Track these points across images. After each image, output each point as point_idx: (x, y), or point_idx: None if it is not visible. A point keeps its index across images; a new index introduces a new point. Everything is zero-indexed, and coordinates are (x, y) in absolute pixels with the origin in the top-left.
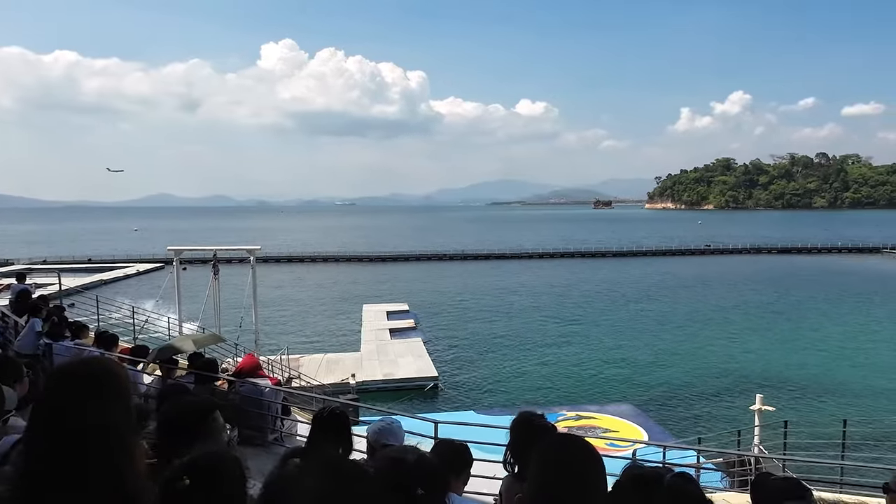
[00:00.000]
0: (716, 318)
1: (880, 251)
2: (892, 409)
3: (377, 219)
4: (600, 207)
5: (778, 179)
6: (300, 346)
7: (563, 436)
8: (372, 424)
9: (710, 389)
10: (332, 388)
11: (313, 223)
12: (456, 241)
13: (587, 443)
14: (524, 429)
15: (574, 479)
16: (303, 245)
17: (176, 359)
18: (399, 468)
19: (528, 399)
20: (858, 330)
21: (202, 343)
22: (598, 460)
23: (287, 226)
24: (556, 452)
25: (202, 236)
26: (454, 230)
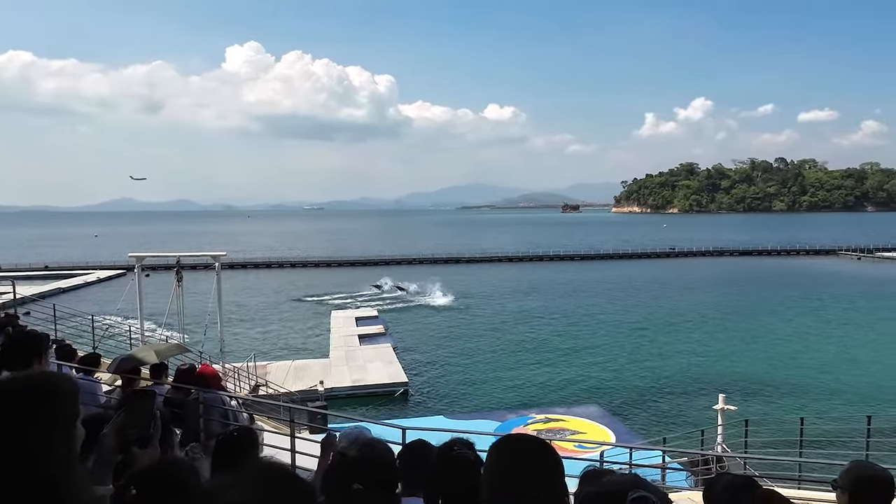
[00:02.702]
0: (679, 320)
1: (836, 253)
2: (846, 407)
3: (346, 223)
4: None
5: (739, 184)
6: (267, 354)
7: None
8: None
9: (674, 389)
10: (299, 396)
11: (281, 228)
12: (426, 245)
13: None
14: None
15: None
16: (270, 250)
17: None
18: (340, 463)
19: (497, 403)
20: (814, 330)
21: (165, 353)
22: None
23: (254, 230)
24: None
25: (165, 242)
26: (424, 234)
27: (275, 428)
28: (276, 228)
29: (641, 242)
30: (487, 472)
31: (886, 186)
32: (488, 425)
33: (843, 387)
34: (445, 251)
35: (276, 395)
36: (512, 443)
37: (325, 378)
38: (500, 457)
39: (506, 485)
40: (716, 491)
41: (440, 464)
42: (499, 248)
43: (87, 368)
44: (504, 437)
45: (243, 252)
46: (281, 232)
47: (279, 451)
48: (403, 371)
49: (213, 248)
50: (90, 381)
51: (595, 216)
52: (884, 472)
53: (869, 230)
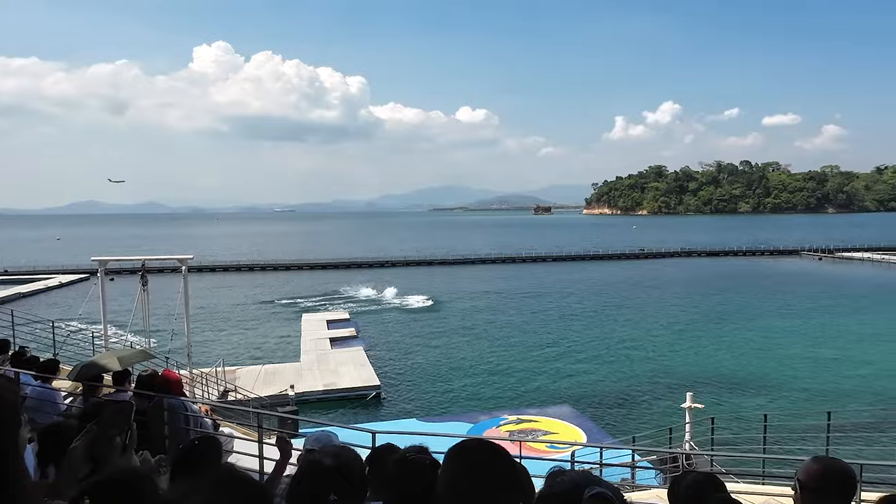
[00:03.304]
0: (649, 320)
1: (798, 253)
2: (807, 403)
3: (318, 225)
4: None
5: (706, 186)
6: (237, 358)
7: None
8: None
9: (644, 389)
10: (269, 401)
11: (251, 230)
12: (398, 247)
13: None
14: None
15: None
16: (239, 253)
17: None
18: (313, 473)
19: (470, 404)
20: (777, 328)
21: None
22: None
23: (223, 233)
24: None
25: (131, 245)
26: (397, 236)
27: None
28: (246, 231)
29: (612, 244)
30: (440, 477)
31: (846, 189)
32: (461, 427)
33: (805, 383)
34: (418, 253)
35: (246, 400)
36: (464, 451)
37: (296, 382)
38: (451, 463)
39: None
40: (680, 489)
41: (397, 468)
42: (471, 250)
43: (45, 376)
44: (457, 445)
45: (211, 255)
46: (251, 234)
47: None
48: (376, 374)
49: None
50: (48, 390)
51: (566, 218)
52: (845, 466)
53: (829, 231)
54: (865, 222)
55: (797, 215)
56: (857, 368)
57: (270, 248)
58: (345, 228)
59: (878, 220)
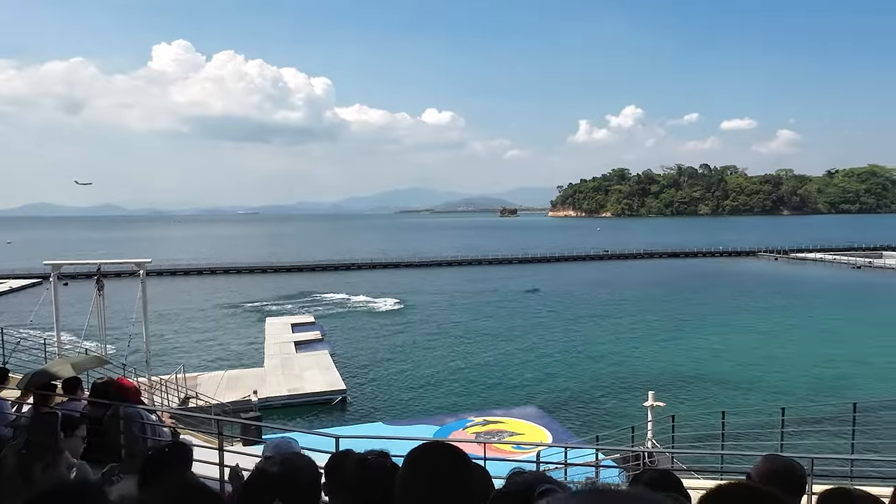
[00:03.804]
0: (612, 321)
1: (755, 254)
2: (763, 400)
3: (283, 227)
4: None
5: (667, 188)
6: (198, 365)
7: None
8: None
9: (608, 388)
10: (232, 407)
11: (212, 232)
12: (364, 249)
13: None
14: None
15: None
16: (200, 256)
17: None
18: (258, 480)
19: (436, 407)
20: (735, 327)
21: (82, 367)
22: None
23: (183, 236)
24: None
25: (86, 248)
26: (363, 238)
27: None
28: (207, 233)
29: (576, 246)
30: (397, 481)
31: (800, 191)
32: (427, 430)
33: (760, 381)
34: (385, 256)
35: (207, 406)
36: (421, 455)
37: (259, 388)
38: (408, 468)
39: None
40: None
41: (356, 471)
42: (438, 253)
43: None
44: (415, 449)
45: (171, 259)
46: (212, 237)
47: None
48: (341, 378)
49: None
50: None
51: (532, 220)
52: (794, 464)
53: (784, 232)
54: (818, 224)
55: (754, 217)
56: (808, 366)
57: (233, 251)
58: (310, 231)
59: (830, 222)
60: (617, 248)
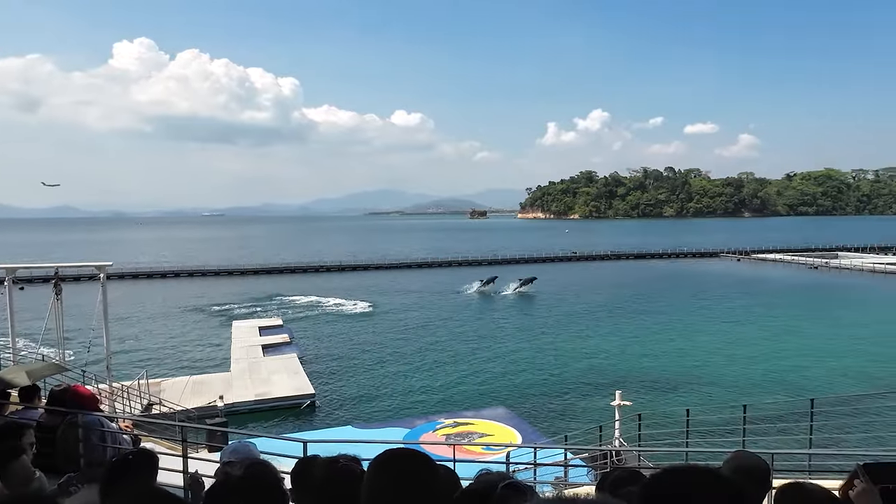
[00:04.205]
0: (580, 321)
1: (719, 255)
2: (726, 397)
3: (249, 229)
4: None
5: (633, 191)
6: (161, 370)
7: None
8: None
9: (576, 388)
10: (197, 413)
11: (177, 235)
12: (332, 251)
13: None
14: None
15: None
16: (164, 259)
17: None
18: (223, 485)
19: (406, 410)
20: (699, 326)
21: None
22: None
23: (146, 238)
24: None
25: (43, 251)
26: (330, 240)
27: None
28: (171, 235)
29: (545, 247)
30: (363, 488)
31: (760, 194)
32: (397, 433)
33: (723, 378)
34: (353, 258)
35: (171, 413)
36: (385, 461)
37: (225, 393)
38: (373, 474)
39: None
40: (605, 486)
41: (325, 476)
42: (407, 255)
43: None
44: (381, 455)
45: (133, 261)
46: (176, 239)
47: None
48: (310, 382)
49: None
50: None
51: (502, 222)
52: (761, 461)
53: (746, 234)
54: (777, 226)
55: (717, 219)
56: (769, 363)
57: (198, 254)
58: (277, 233)
59: (788, 224)
60: (585, 249)
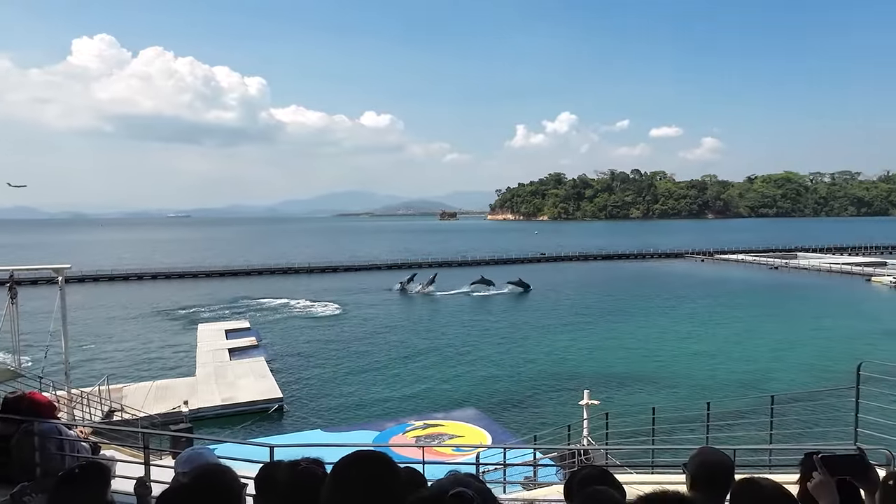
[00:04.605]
0: (549, 322)
1: (683, 256)
2: (690, 395)
3: (216, 231)
4: (446, 219)
5: (601, 193)
6: (123, 375)
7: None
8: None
9: (545, 388)
10: (160, 419)
11: (140, 236)
12: (300, 253)
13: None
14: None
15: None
16: (126, 261)
17: None
18: (174, 492)
19: (376, 412)
20: (664, 326)
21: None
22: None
23: (108, 240)
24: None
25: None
26: (299, 242)
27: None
28: (135, 237)
29: (514, 249)
30: (322, 492)
31: (723, 196)
32: (367, 436)
33: (688, 376)
34: (322, 260)
35: (133, 419)
36: (348, 465)
37: (190, 398)
38: (334, 480)
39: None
40: (573, 484)
41: (288, 480)
42: (376, 256)
43: None
44: (342, 459)
45: (94, 264)
46: (140, 241)
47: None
48: (278, 386)
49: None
50: None
51: (471, 223)
52: (724, 457)
53: (709, 235)
54: (739, 227)
55: (682, 220)
56: (732, 361)
57: (162, 256)
58: (245, 234)
59: (750, 225)
60: (553, 251)
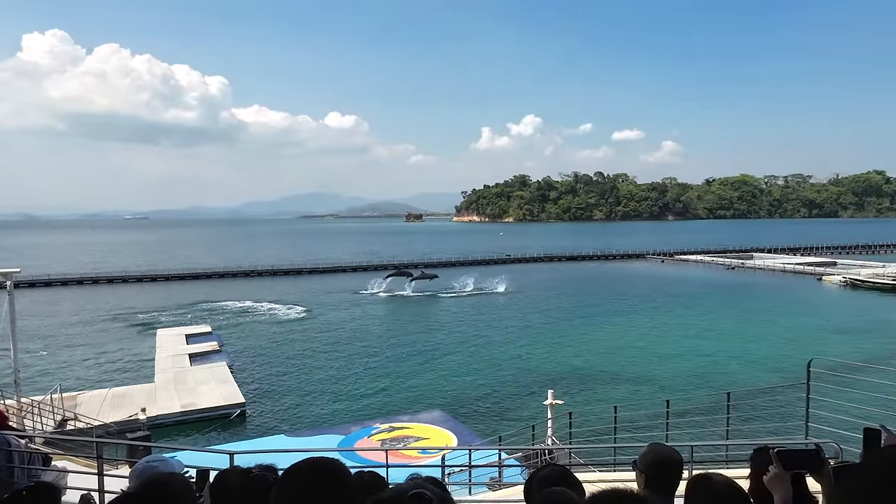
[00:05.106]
0: (513, 322)
1: (645, 256)
2: (650, 393)
3: (176, 233)
4: (412, 220)
5: (565, 195)
6: (78, 383)
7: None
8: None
9: (510, 388)
10: (117, 428)
11: (96, 239)
12: (263, 255)
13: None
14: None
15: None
16: (81, 264)
17: None
18: (123, 502)
19: (341, 416)
20: (625, 325)
21: None
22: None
23: (61, 242)
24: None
25: None
26: (262, 244)
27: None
28: (90, 240)
29: (480, 250)
30: (271, 499)
31: (682, 198)
32: (331, 440)
33: (648, 375)
34: (285, 262)
35: (88, 428)
36: (296, 472)
37: (148, 405)
38: (281, 488)
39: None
40: (532, 485)
41: (239, 487)
42: (340, 258)
43: None
44: (292, 466)
45: (46, 267)
46: (96, 243)
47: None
48: (240, 391)
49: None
50: None
51: (437, 225)
52: (673, 453)
53: (669, 236)
54: (698, 228)
55: (643, 222)
56: (690, 359)
57: (119, 259)
58: (206, 236)
59: (708, 227)
60: (519, 252)
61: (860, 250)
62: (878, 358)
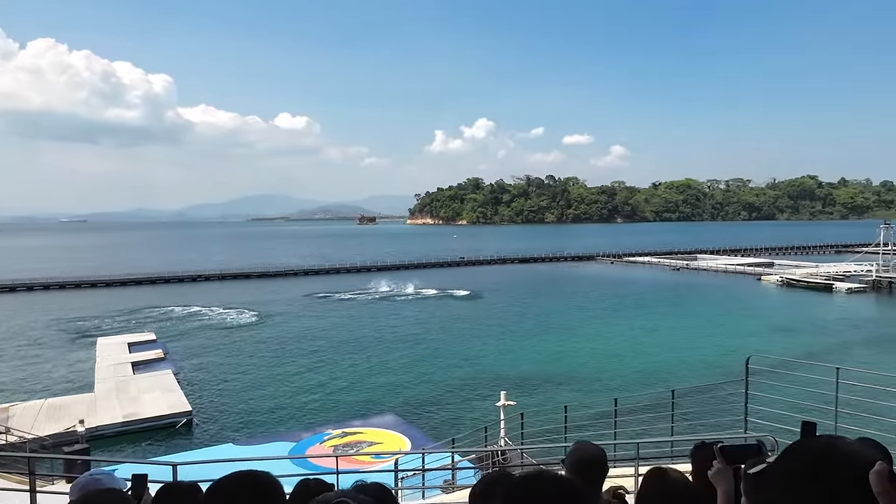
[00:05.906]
0: (465, 325)
1: (594, 258)
2: (599, 392)
3: (117, 237)
4: (365, 223)
5: (518, 198)
6: (10, 395)
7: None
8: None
9: (462, 391)
10: (52, 441)
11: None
12: (212, 259)
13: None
14: None
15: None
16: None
17: None
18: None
19: (293, 423)
20: (574, 326)
21: None
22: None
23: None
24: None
25: None
26: (209, 248)
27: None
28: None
29: (433, 253)
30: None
31: (631, 201)
32: (282, 447)
33: (597, 374)
34: (235, 266)
35: (20, 442)
36: (218, 489)
37: (87, 416)
38: (210, 497)
39: None
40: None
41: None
42: (291, 262)
43: None
44: (215, 482)
45: None
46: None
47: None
48: (187, 399)
49: None
50: None
51: (391, 228)
52: (598, 451)
53: (618, 239)
54: (645, 230)
55: (593, 224)
56: (637, 358)
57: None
58: (150, 240)
59: (655, 229)
60: (472, 254)
61: (795, 251)
62: (811, 354)
